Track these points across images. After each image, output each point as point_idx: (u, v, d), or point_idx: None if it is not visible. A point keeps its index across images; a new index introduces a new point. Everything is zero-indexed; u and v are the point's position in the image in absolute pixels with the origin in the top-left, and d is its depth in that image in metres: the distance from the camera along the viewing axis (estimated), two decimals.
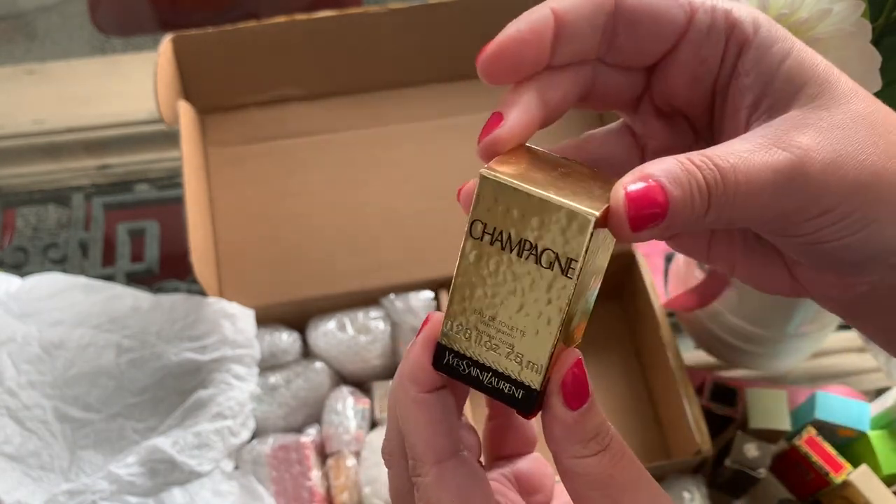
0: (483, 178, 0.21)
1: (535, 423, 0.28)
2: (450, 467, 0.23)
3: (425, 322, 0.24)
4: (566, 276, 0.21)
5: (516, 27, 0.23)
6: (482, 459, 0.28)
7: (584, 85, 0.25)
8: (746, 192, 0.21)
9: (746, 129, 0.23)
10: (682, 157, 0.21)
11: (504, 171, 0.21)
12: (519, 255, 0.21)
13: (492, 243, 0.21)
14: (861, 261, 0.23)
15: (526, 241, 0.21)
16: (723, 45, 0.24)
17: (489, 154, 0.23)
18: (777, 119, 0.22)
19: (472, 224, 0.22)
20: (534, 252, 0.21)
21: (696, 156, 0.21)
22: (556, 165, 0.23)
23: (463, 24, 0.66)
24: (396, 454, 0.25)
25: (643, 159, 0.26)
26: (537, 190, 0.21)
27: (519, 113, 0.24)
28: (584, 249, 0.20)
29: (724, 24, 0.23)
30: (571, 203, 0.20)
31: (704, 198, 0.21)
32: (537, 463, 0.28)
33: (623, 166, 0.25)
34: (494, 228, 0.21)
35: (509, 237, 0.21)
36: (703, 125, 0.26)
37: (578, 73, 0.24)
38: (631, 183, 0.20)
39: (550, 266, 0.21)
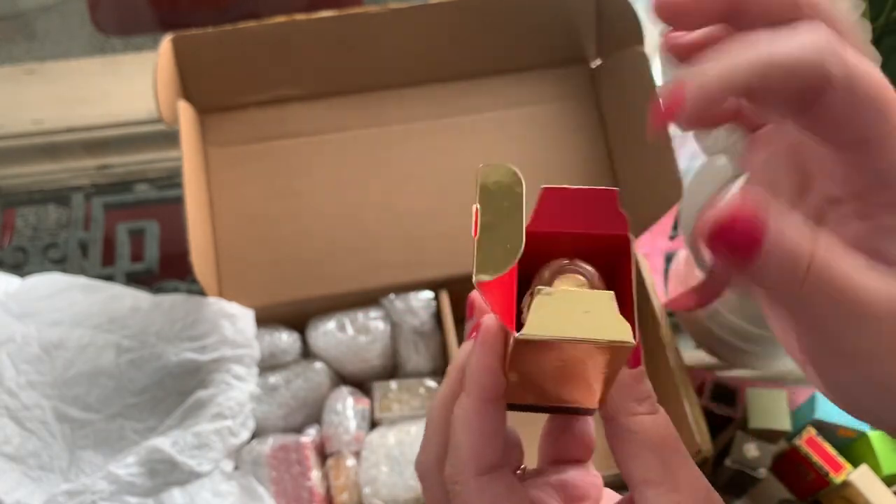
0: None
1: (593, 430, 0.28)
2: (489, 480, 0.23)
3: (475, 327, 0.24)
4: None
5: None
6: (527, 466, 0.28)
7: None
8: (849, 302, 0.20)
9: None
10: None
11: None
12: None
13: None
14: None
15: None
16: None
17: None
18: None
19: None
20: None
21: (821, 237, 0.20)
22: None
23: (463, 24, 0.66)
24: (434, 468, 0.25)
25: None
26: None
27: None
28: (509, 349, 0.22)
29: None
30: None
31: (803, 265, 0.20)
32: (587, 473, 0.28)
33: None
34: None
35: None
36: None
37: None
38: (731, 214, 0.20)
39: None
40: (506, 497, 0.23)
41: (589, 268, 0.23)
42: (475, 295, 0.26)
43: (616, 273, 0.23)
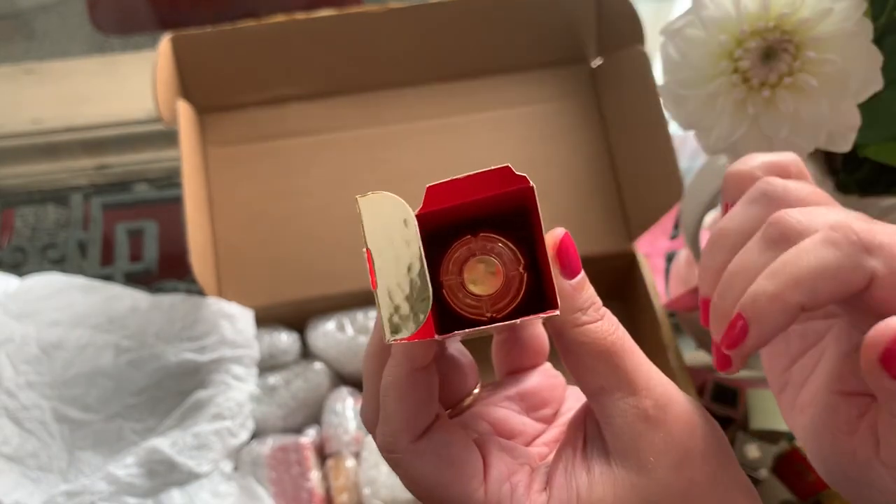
0: None
1: (545, 334, 0.28)
2: (426, 441, 0.23)
3: None
4: None
5: None
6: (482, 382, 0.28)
7: None
8: None
9: None
10: None
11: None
12: None
13: None
14: None
15: None
16: None
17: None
18: None
19: None
20: None
21: None
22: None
23: (463, 24, 0.66)
24: (373, 420, 0.25)
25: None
26: None
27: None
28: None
29: None
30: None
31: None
32: (546, 376, 0.28)
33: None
34: None
35: None
36: None
37: None
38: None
39: None
40: (445, 450, 0.23)
41: (499, 243, 0.22)
42: None
43: (526, 226, 0.22)
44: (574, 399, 0.28)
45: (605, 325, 0.23)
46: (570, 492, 0.22)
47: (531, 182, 0.21)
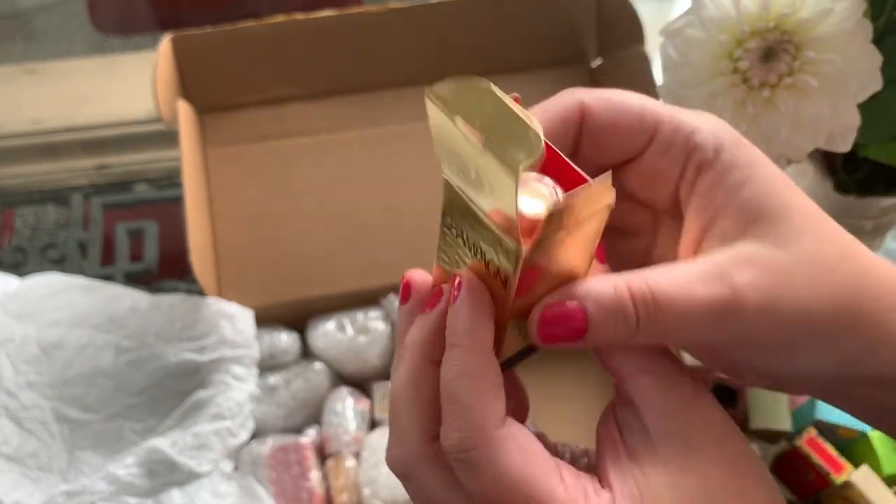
0: (445, 183, 0.23)
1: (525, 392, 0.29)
2: (509, 428, 0.22)
3: (432, 301, 0.25)
4: (504, 288, 0.23)
5: None
6: None
7: None
8: (678, 322, 0.22)
9: (699, 245, 0.24)
10: (620, 280, 0.22)
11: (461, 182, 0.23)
12: (474, 255, 0.23)
13: (455, 237, 0.24)
14: (790, 381, 0.24)
15: (477, 246, 0.23)
16: (681, 165, 0.25)
17: None
18: (725, 250, 0.23)
19: (443, 216, 0.24)
20: (483, 259, 0.23)
21: (636, 280, 0.22)
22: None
23: (463, 24, 0.66)
24: (421, 454, 0.24)
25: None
26: (480, 209, 0.22)
27: None
28: (514, 272, 0.22)
29: (683, 146, 0.25)
30: (501, 235, 0.21)
31: (632, 325, 0.22)
32: (533, 427, 0.29)
33: None
34: (456, 225, 0.24)
35: (466, 237, 0.23)
36: (666, 219, 0.27)
37: None
38: (552, 306, 0.22)
39: (496, 276, 0.23)
40: (528, 441, 0.23)
41: (546, 178, 0.23)
42: (412, 276, 0.26)
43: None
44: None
45: None
46: (629, 484, 0.22)
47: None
